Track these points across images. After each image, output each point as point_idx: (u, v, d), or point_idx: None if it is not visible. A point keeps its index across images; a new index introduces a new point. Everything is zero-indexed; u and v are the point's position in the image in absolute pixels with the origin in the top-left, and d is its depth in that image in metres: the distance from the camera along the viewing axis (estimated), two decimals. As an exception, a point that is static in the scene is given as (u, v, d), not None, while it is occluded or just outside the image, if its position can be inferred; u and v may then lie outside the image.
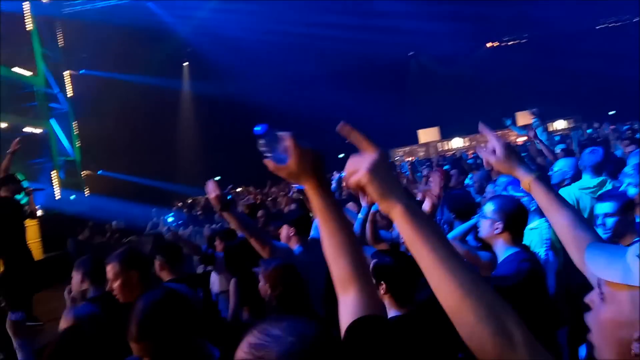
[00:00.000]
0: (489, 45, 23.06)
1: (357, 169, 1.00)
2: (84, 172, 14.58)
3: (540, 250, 3.15)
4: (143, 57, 16.86)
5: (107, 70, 15.78)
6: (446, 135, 21.47)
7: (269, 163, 1.21)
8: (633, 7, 21.10)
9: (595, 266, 0.97)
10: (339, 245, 1.20)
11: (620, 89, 18.77)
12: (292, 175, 1.20)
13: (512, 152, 1.57)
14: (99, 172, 16.23)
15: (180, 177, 17.78)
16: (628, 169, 3.48)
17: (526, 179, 1.53)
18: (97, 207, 12.23)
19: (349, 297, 1.17)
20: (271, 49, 18.11)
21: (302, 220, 3.36)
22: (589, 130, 11.96)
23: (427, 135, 21.77)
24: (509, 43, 22.91)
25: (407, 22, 18.88)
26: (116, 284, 2.56)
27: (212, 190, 2.98)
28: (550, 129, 19.34)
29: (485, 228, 2.66)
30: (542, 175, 1.55)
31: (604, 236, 2.67)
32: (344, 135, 1.06)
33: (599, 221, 2.80)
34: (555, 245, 3.14)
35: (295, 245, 3.37)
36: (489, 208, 2.65)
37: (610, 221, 2.76)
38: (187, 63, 21.19)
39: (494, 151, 1.58)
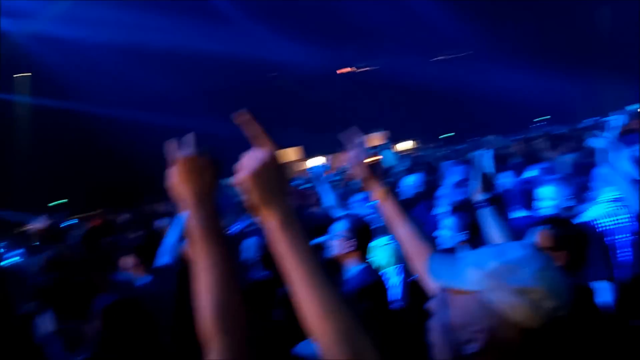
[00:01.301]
0: (344, 70, 24.60)
1: (247, 167, 0.92)
2: None
3: (396, 267, 3.32)
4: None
5: None
6: (307, 155, 22.21)
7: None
8: (466, 42, 24.28)
9: (436, 274, 1.04)
10: (210, 286, 1.01)
11: (458, 114, 21.41)
12: (171, 187, 1.06)
13: (374, 163, 1.65)
14: None
15: (17, 202, 15.63)
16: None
17: (380, 190, 1.61)
18: None
19: (211, 354, 1.02)
20: (123, 64, 17.02)
21: (147, 247, 3.12)
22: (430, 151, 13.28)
23: (289, 155, 22.27)
24: (362, 69, 24.69)
25: (269, 44, 19.27)
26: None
27: (40, 221, 2.65)
28: (398, 149, 21.26)
29: (338, 246, 2.73)
30: (393, 189, 1.65)
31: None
32: (241, 125, 0.95)
33: None
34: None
35: (141, 275, 3.11)
36: (340, 227, 2.73)
37: None
38: (26, 74, 18.93)
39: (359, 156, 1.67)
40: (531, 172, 4.32)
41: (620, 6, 23.91)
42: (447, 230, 3.08)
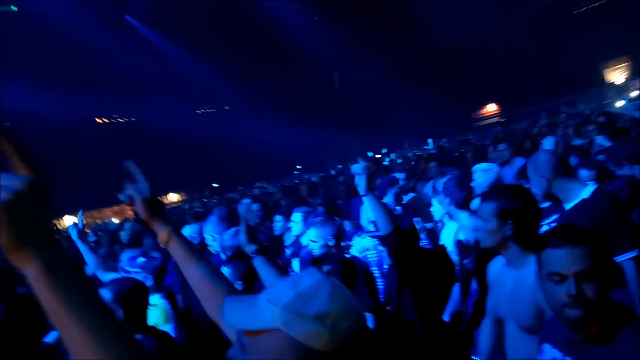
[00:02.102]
0: (98, 120, 22.87)
1: None
2: None
3: (168, 327, 3.06)
4: None
5: None
6: (60, 213, 19.54)
7: None
8: (224, 98, 25.37)
9: (232, 318, 0.97)
10: None
11: (223, 165, 21.92)
12: None
13: (156, 201, 1.44)
14: None
15: None
16: None
17: (164, 232, 1.43)
18: None
19: None
20: None
21: None
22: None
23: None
24: (119, 120, 23.35)
25: (6, 91, 16.77)
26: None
27: None
28: (165, 201, 20.62)
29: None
30: (178, 229, 1.48)
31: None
32: None
33: None
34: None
35: None
36: (105, 296, 2.36)
37: None
38: None
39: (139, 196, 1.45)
40: (297, 216, 4.60)
41: (346, 73, 28.82)
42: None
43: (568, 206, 2.39)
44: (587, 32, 20.42)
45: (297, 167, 18.64)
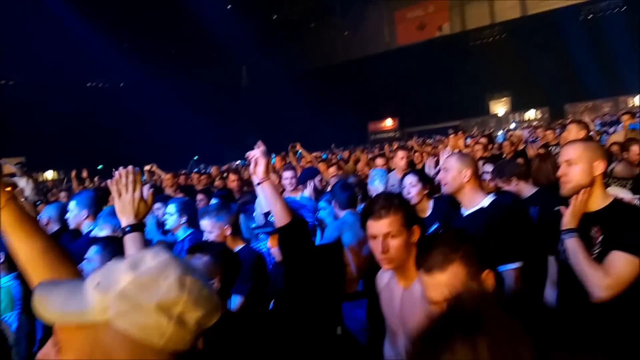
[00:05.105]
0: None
1: None
2: None
3: (12, 315, 2.59)
4: None
5: None
6: None
7: None
8: (119, 72, 23.46)
9: (46, 309, 0.75)
10: None
11: (108, 147, 20.20)
12: None
13: None
14: None
15: None
16: None
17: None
18: None
19: None
20: None
21: None
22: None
23: None
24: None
25: None
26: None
27: None
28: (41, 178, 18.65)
29: None
30: (15, 198, 1.19)
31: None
32: None
33: None
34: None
35: None
36: None
37: None
38: None
39: None
40: (171, 207, 4.28)
41: (254, 67, 28.42)
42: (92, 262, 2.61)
43: (467, 212, 2.43)
44: (479, 64, 22.43)
45: (194, 157, 17.77)
